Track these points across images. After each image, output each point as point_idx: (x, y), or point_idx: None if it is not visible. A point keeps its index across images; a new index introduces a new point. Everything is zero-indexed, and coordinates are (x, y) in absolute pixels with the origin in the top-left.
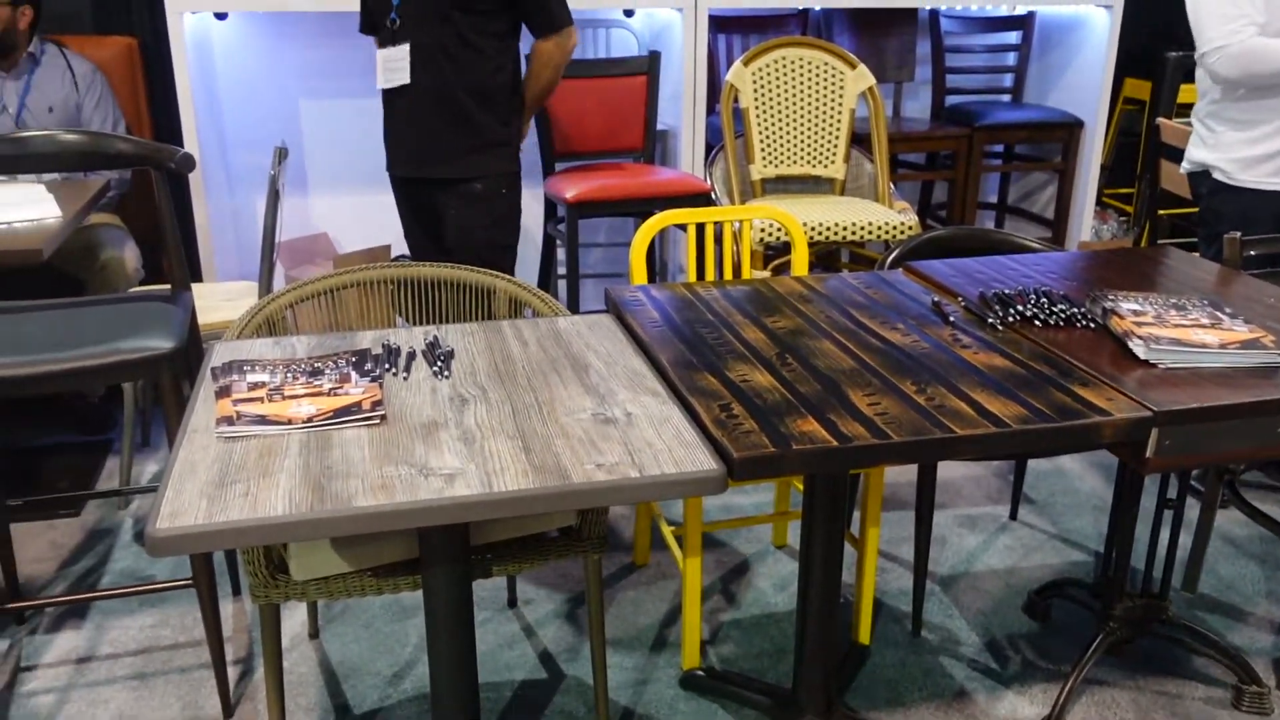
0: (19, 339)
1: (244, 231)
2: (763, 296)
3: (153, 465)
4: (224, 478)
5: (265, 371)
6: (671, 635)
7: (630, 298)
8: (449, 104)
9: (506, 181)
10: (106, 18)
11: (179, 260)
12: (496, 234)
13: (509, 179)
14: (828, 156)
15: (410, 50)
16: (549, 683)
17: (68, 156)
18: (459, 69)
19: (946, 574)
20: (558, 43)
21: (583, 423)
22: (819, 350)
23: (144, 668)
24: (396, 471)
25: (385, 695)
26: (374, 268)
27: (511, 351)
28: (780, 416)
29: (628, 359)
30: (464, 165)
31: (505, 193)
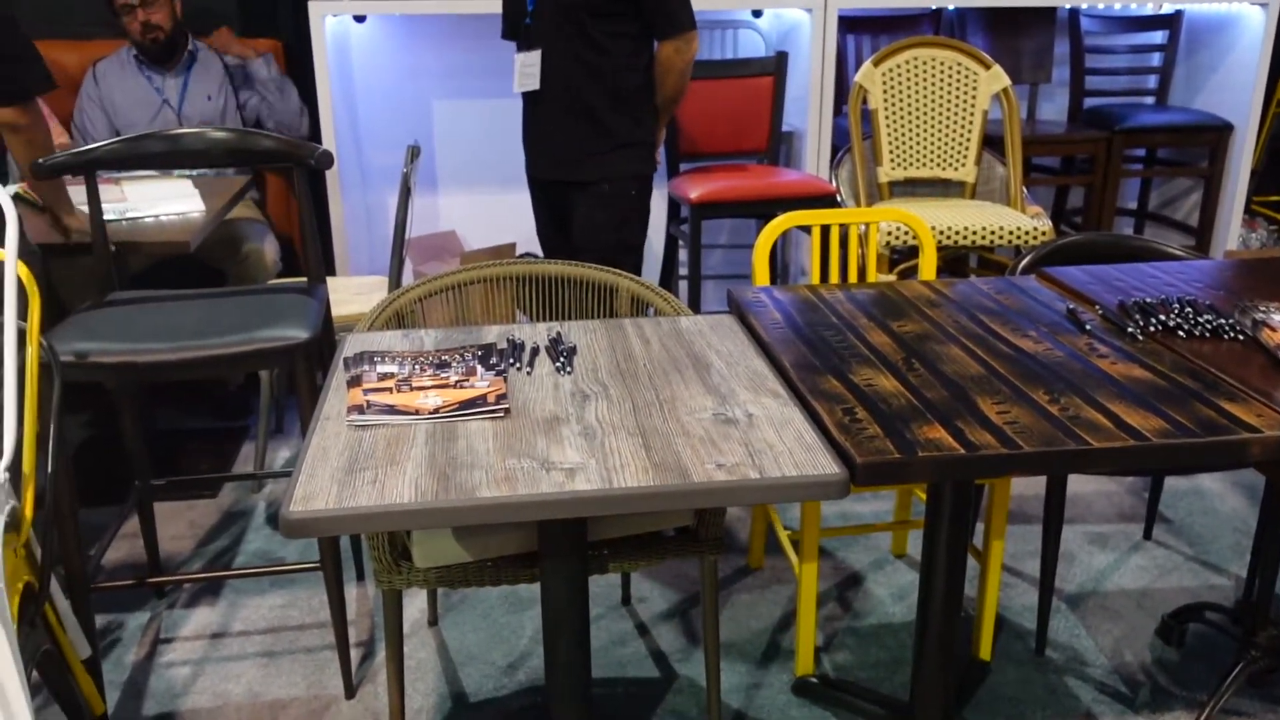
0: (167, 326)
1: (375, 227)
2: (889, 300)
3: (285, 451)
4: (354, 464)
5: (394, 363)
6: (785, 641)
7: (752, 299)
8: (579, 107)
9: (636, 184)
10: (254, 21)
11: (316, 254)
12: (623, 235)
13: (639, 181)
14: (958, 159)
15: (542, 54)
16: (661, 682)
17: (216, 153)
18: (588, 72)
19: (1074, 592)
20: (677, 48)
21: (703, 422)
22: (946, 356)
23: (272, 646)
24: (519, 464)
25: (500, 685)
26: (500, 264)
27: (633, 349)
28: (905, 422)
29: (749, 360)
30: (594, 167)
31: (634, 194)
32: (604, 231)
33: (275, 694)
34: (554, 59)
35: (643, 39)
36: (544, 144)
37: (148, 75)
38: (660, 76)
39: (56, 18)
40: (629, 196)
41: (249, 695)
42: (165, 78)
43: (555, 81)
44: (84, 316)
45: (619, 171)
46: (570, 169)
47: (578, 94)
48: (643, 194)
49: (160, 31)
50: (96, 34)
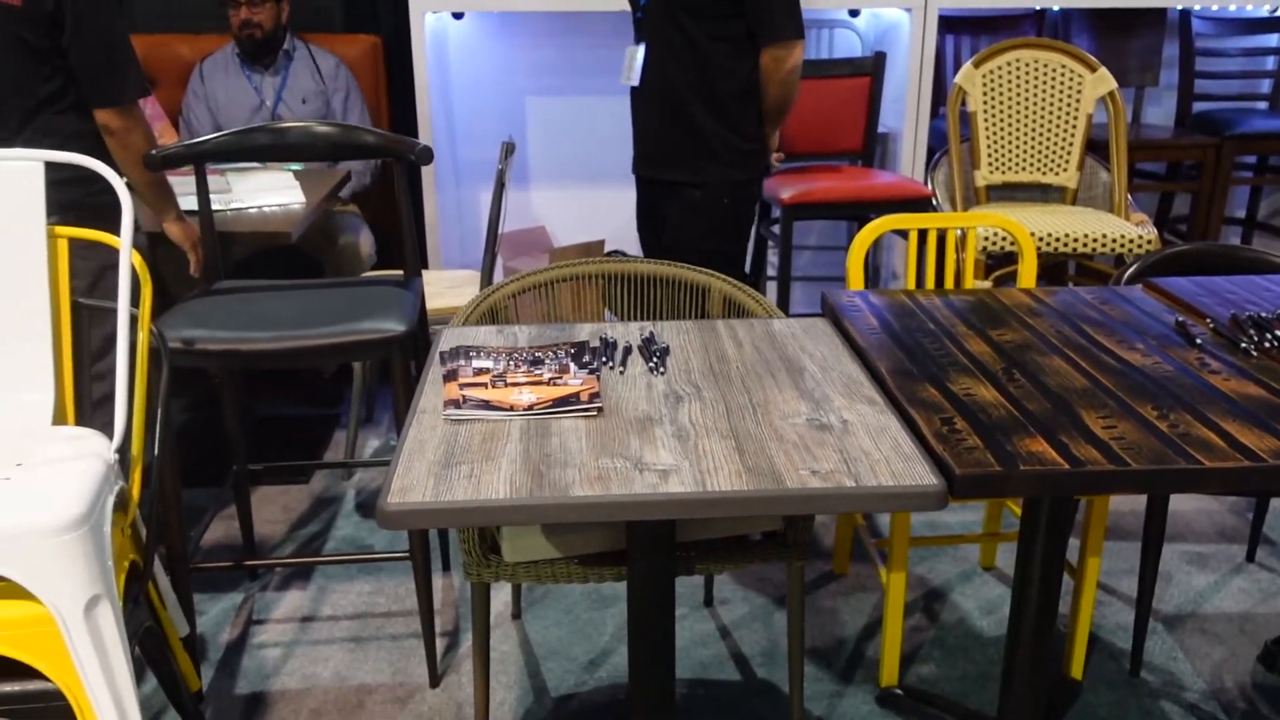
0: (269, 316)
1: (467, 222)
2: (987, 308)
3: (374, 440)
4: (450, 458)
5: (489, 358)
6: (869, 650)
7: (847, 303)
8: (676, 107)
9: (730, 190)
10: (354, 17)
11: (414, 248)
12: (714, 242)
13: (733, 188)
14: (1060, 163)
15: (646, 50)
16: (742, 685)
17: (320, 147)
18: (686, 72)
19: (1171, 613)
20: (776, 56)
21: (797, 427)
22: (1049, 367)
23: (359, 632)
24: (612, 464)
25: (581, 681)
26: (594, 262)
27: (726, 351)
28: (1006, 434)
29: (844, 365)
30: (686, 169)
31: (727, 202)
32: (694, 239)
33: (362, 679)
34: (655, 56)
35: (746, 43)
36: (641, 140)
37: (248, 74)
38: (762, 84)
39: (171, 11)
40: (721, 205)
41: (336, 679)
42: (263, 77)
43: (655, 79)
44: (190, 305)
45: (712, 177)
46: (661, 168)
47: (673, 92)
48: (738, 202)
49: (258, 30)
50: (208, 28)
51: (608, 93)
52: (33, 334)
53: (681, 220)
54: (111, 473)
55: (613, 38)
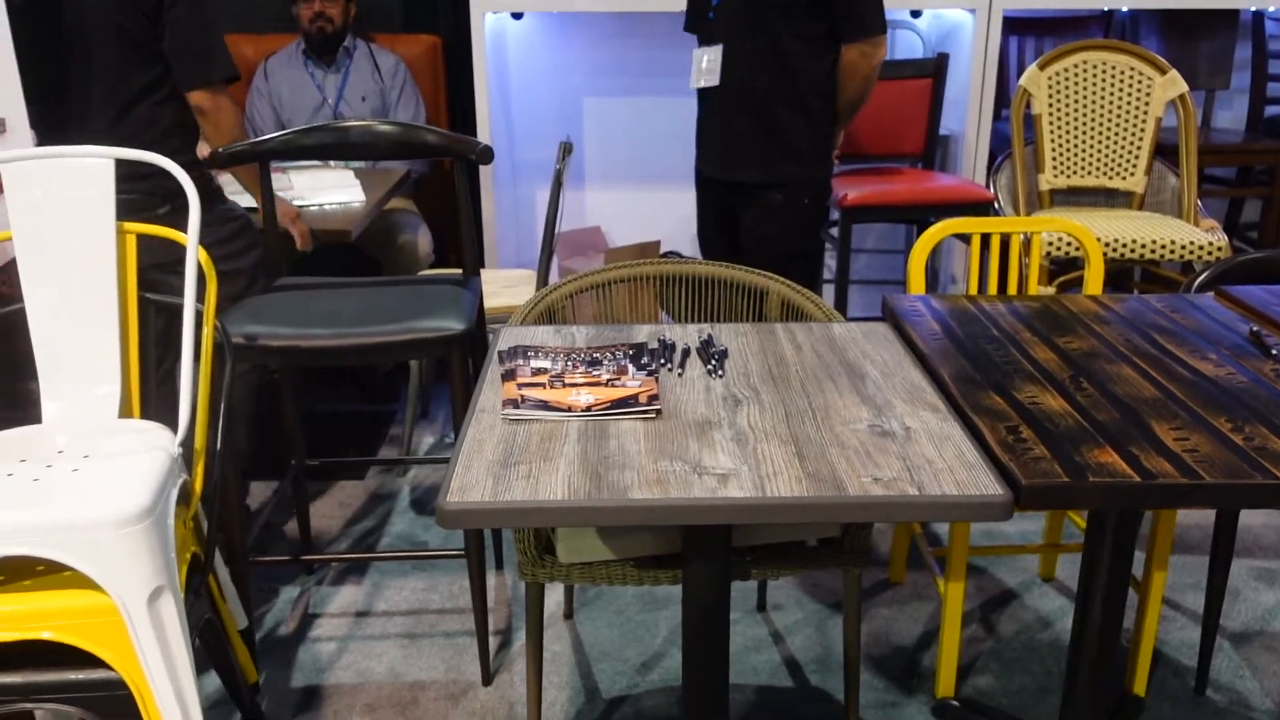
0: (329, 313)
1: (524, 222)
2: (1053, 314)
3: (429, 437)
4: (508, 458)
5: (547, 358)
6: (925, 660)
7: (909, 307)
8: (757, 106)
9: (810, 189)
10: (415, 17)
11: (473, 247)
12: (794, 244)
13: (813, 186)
14: (1127, 168)
15: (723, 50)
16: (795, 691)
17: (382, 146)
18: (770, 71)
19: (1238, 630)
20: (863, 52)
21: (858, 433)
22: (1117, 376)
23: (413, 628)
24: (671, 467)
25: (634, 683)
26: (651, 262)
27: (785, 354)
28: (1074, 444)
29: (905, 370)
30: (768, 170)
31: (807, 202)
32: (774, 240)
33: (415, 675)
34: (735, 55)
35: (828, 40)
36: (717, 142)
37: (311, 71)
38: (843, 81)
39: (238, 11)
40: (802, 205)
41: (390, 675)
42: (326, 74)
43: (734, 79)
44: (252, 301)
45: (792, 177)
46: (739, 169)
47: (756, 93)
48: (816, 201)
49: (329, 24)
50: (272, 28)
51: (665, 93)
52: (101, 328)
53: (760, 224)
54: (176, 466)
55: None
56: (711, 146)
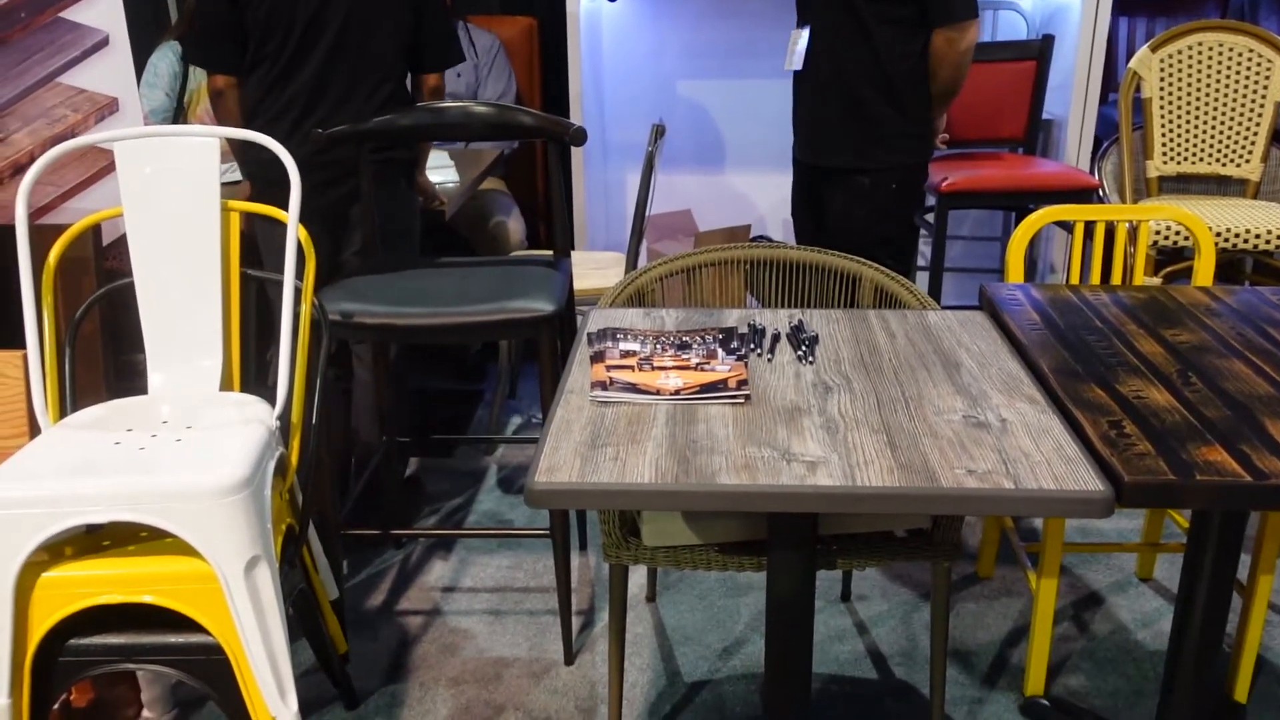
0: (423, 292)
1: (613, 204)
2: (1160, 306)
3: (517, 417)
4: (596, 440)
5: (636, 341)
6: (1014, 657)
7: (1007, 296)
8: (842, 90)
9: (899, 175)
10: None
11: (565, 228)
12: (881, 230)
13: (902, 172)
14: (1241, 154)
15: (811, 33)
16: (879, 684)
17: (477, 127)
18: (855, 55)
19: None
20: (949, 38)
21: (953, 424)
22: (1228, 371)
23: (498, 605)
24: (759, 453)
25: (715, 668)
26: (742, 247)
27: (878, 342)
28: (1181, 441)
29: (1002, 361)
30: (855, 155)
31: (894, 188)
32: (860, 225)
33: (499, 652)
34: (822, 39)
35: (917, 25)
36: (805, 125)
37: None
38: (933, 67)
39: None
40: (889, 190)
41: (475, 650)
42: None
43: (821, 62)
44: (349, 280)
45: (879, 162)
46: (826, 154)
47: (842, 77)
48: (906, 186)
49: None
50: None
51: (758, 76)
52: (205, 302)
53: (847, 209)
54: (274, 439)
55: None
56: (802, 129)
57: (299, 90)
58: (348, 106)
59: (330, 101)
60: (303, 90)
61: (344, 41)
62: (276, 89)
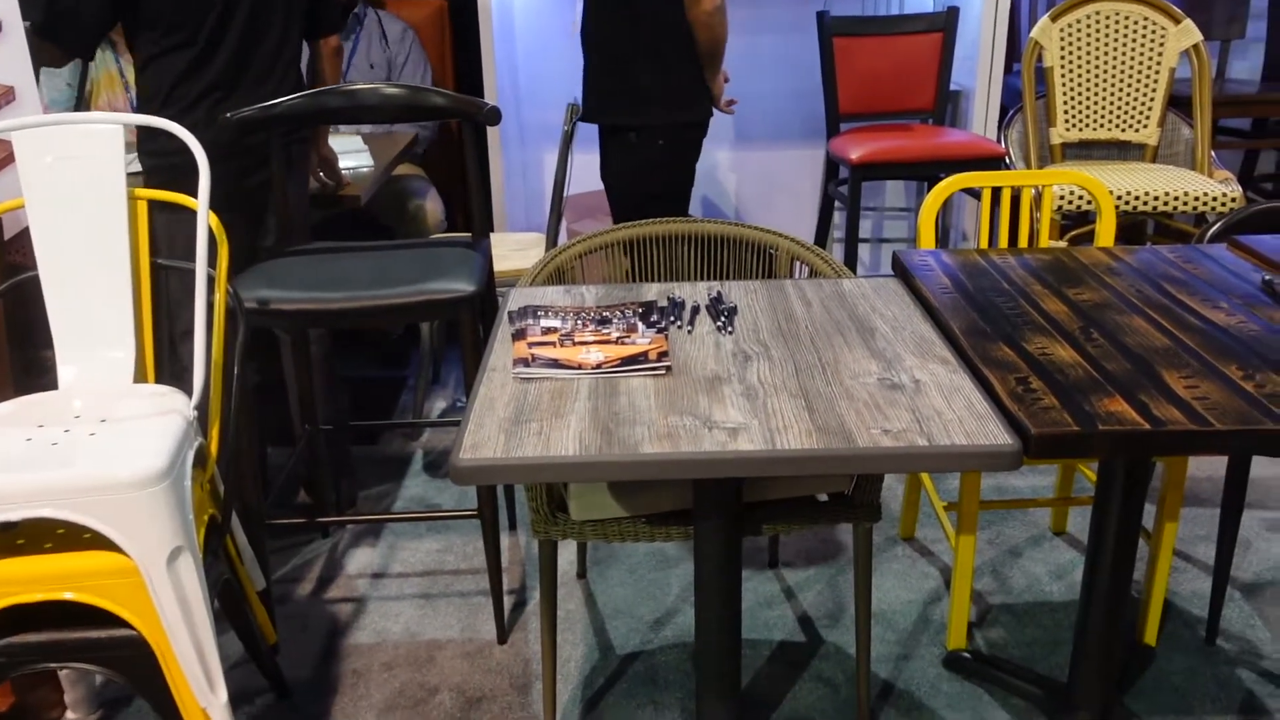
0: (341, 277)
1: (532, 185)
2: (1064, 267)
3: (441, 401)
4: (519, 415)
5: (557, 318)
6: (935, 614)
7: (919, 262)
8: (610, 54)
9: (667, 133)
10: None
11: (481, 209)
12: (648, 185)
13: (671, 130)
14: (1139, 120)
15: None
16: (807, 646)
17: (390, 109)
18: (623, 20)
19: (1250, 580)
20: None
21: (868, 387)
22: (1128, 326)
23: (429, 588)
24: (681, 422)
25: (647, 639)
26: (660, 222)
27: (794, 310)
28: (1084, 394)
29: (915, 324)
30: (626, 113)
31: (662, 144)
32: (625, 179)
33: (432, 635)
34: (595, 4)
35: None
36: (585, 87)
37: None
38: (691, 28)
39: None
40: (655, 147)
41: (407, 634)
42: None
43: (594, 26)
44: (265, 266)
45: (648, 119)
46: (603, 113)
47: (612, 41)
48: (674, 145)
49: None
50: None
51: None
52: (115, 294)
53: (619, 164)
54: (191, 429)
55: None
56: (585, 92)
57: (216, 75)
58: (263, 89)
59: (248, 85)
60: (220, 74)
61: (256, 24)
62: (192, 75)
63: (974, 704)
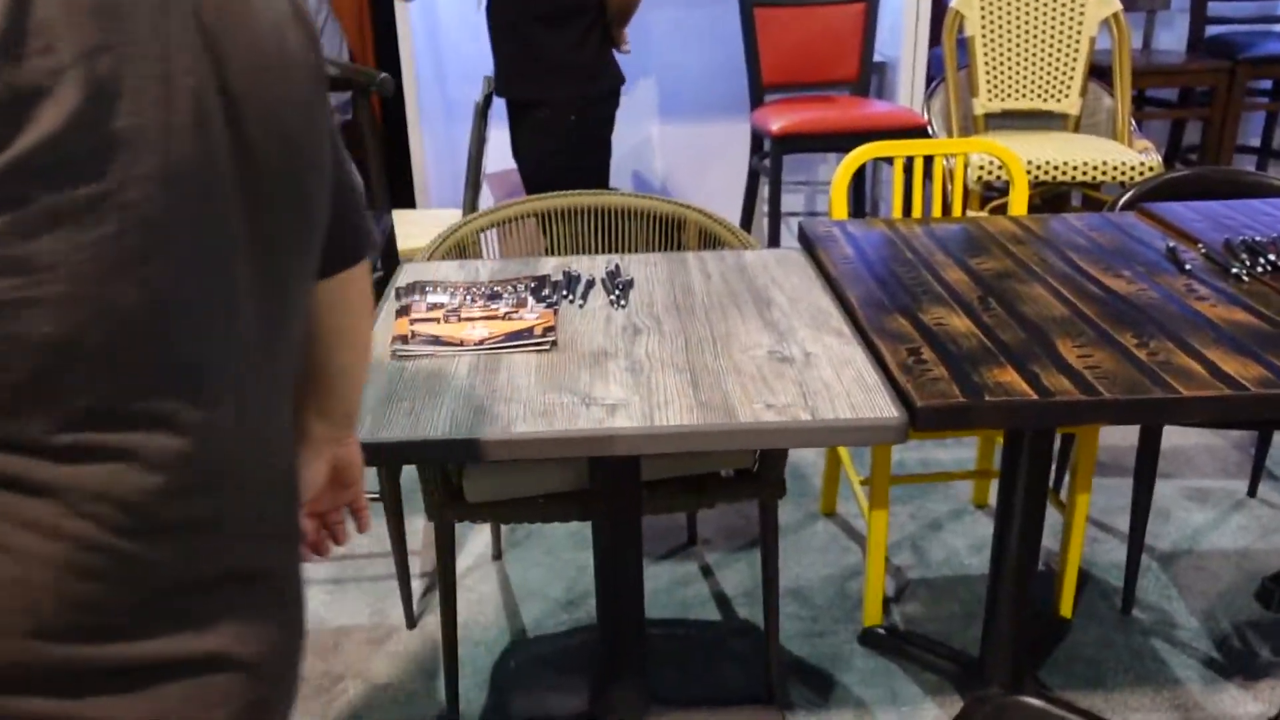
0: None
1: (459, 161)
2: (971, 236)
3: None
4: (391, 395)
5: (446, 293)
6: (853, 589)
7: (824, 232)
8: (508, 26)
9: (575, 109)
10: None
11: (379, 182)
12: (559, 161)
13: (578, 105)
14: (1061, 90)
15: None
16: (723, 624)
17: None
18: None
19: (1167, 550)
20: None
21: (757, 360)
22: (1027, 295)
23: (339, 574)
24: (559, 399)
25: (559, 620)
26: (564, 195)
27: (693, 284)
28: (975, 364)
29: (814, 296)
30: (533, 87)
31: (574, 119)
32: (537, 157)
33: (339, 621)
34: None
35: None
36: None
37: None
38: None
39: None
40: (568, 122)
41: (314, 621)
42: None
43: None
44: None
45: (554, 96)
46: (508, 87)
47: (515, 12)
48: (585, 119)
49: None
50: None
51: None
52: None
53: (530, 141)
54: None
55: None
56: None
57: None
58: None
59: None
60: None
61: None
62: None
63: (887, 679)
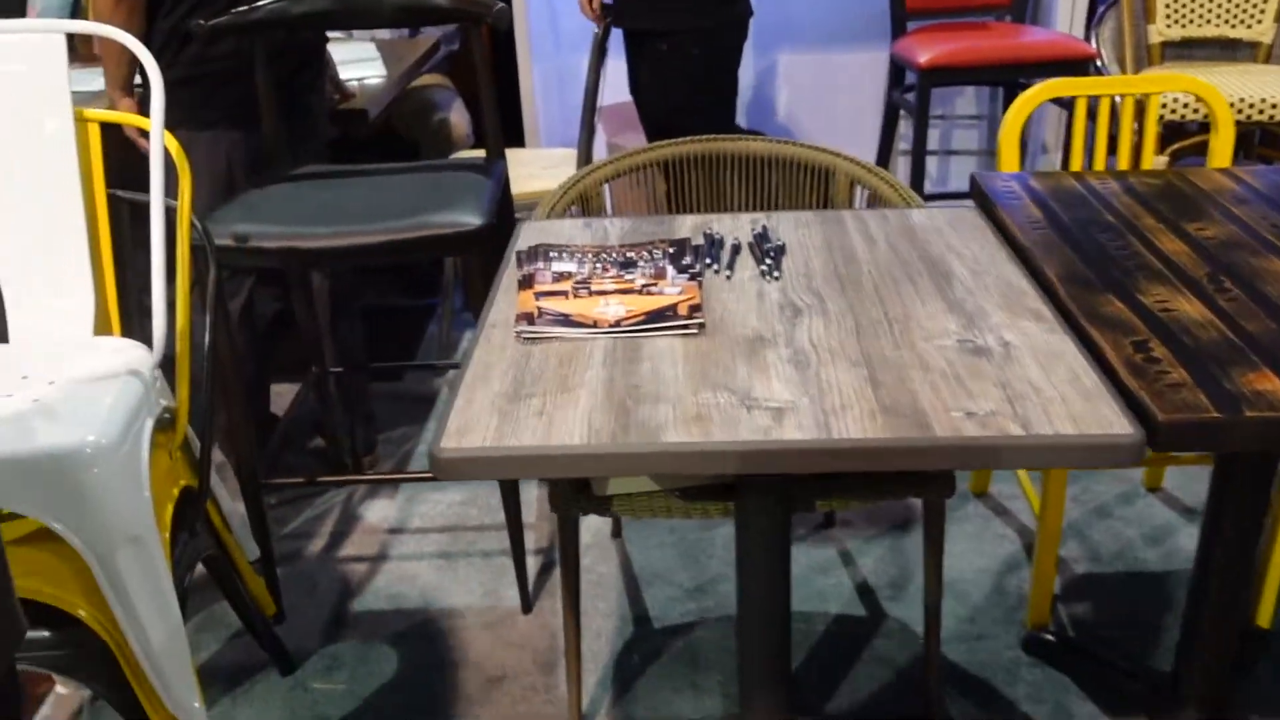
0: (334, 208)
1: (570, 95)
2: (1178, 193)
3: (471, 333)
4: (519, 389)
5: (573, 260)
6: (1012, 584)
7: (1003, 188)
8: None
9: (701, 38)
10: None
11: (494, 126)
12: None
13: (703, 35)
14: (1252, 15)
15: None
16: (868, 621)
17: (385, 12)
18: None
19: None
20: None
21: (946, 351)
22: (1267, 272)
23: (449, 547)
24: (715, 399)
25: (686, 610)
26: (697, 141)
27: (855, 250)
28: (1222, 365)
29: (1000, 267)
30: (650, 18)
31: (696, 53)
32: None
33: (449, 601)
34: None
35: None
36: None
37: None
38: None
39: None
40: (692, 55)
41: (423, 600)
42: None
43: None
44: (252, 194)
45: (676, 25)
46: (631, 17)
47: None
48: (711, 51)
49: None
50: None
51: None
52: (66, 231)
53: (646, 74)
54: (151, 390)
55: None
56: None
57: None
58: None
59: None
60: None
61: None
62: None
63: (1058, 695)
